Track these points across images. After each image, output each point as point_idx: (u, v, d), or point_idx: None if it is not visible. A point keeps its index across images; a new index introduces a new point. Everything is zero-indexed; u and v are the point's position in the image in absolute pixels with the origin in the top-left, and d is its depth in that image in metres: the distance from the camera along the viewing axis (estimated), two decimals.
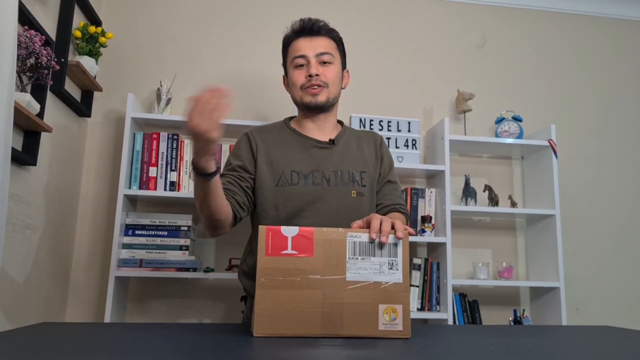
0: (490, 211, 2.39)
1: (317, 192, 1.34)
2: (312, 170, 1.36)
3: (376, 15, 2.71)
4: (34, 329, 0.96)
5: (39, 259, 1.92)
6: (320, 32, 1.40)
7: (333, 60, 1.39)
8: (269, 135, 1.43)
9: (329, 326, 0.91)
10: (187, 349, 0.78)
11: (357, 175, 1.38)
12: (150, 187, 2.16)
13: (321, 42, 1.39)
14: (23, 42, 1.58)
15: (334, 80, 1.39)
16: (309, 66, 1.37)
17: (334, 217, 1.31)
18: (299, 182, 1.34)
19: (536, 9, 2.84)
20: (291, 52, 1.41)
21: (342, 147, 1.42)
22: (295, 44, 1.40)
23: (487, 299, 2.51)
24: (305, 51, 1.38)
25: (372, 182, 1.41)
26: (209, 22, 2.55)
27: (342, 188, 1.35)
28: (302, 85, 1.37)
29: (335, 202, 1.34)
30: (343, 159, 1.39)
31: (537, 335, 1.07)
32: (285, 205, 1.33)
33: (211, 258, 2.34)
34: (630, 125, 2.81)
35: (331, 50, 1.40)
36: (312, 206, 1.32)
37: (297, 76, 1.39)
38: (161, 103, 2.26)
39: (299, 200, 1.32)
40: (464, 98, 2.53)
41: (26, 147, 1.76)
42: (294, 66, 1.39)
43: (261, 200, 1.36)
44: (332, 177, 1.36)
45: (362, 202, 1.37)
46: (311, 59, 1.37)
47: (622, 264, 2.66)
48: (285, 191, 1.33)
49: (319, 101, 1.37)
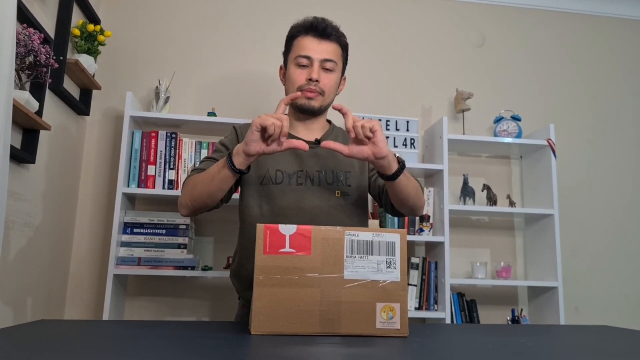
0: (489, 211, 2.39)
1: (300, 192, 1.33)
2: (296, 170, 1.35)
3: (375, 15, 2.71)
4: (32, 326, 0.96)
5: (38, 256, 1.92)
6: (330, 36, 1.37)
7: (335, 68, 1.38)
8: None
9: (327, 324, 0.92)
10: (186, 346, 0.78)
11: (341, 174, 1.37)
12: (149, 186, 2.16)
13: (329, 48, 1.36)
14: (22, 40, 1.58)
15: (330, 89, 1.38)
16: (311, 69, 1.34)
17: (318, 216, 1.31)
18: (282, 181, 1.33)
19: (535, 9, 2.84)
20: (296, 48, 1.38)
21: None
22: (303, 41, 1.37)
23: (485, 299, 2.51)
24: (311, 53, 1.35)
25: (358, 182, 1.40)
26: (208, 20, 2.55)
27: (326, 187, 1.35)
28: (300, 86, 1.35)
29: (319, 201, 1.33)
30: (327, 159, 1.38)
31: (535, 335, 1.07)
32: (269, 203, 1.32)
33: (209, 256, 2.34)
34: (628, 125, 2.81)
35: (336, 58, 1.38)
36: (296, 205, 1.32)
37: (297, 75, 1.36)
38: (160, 101, 2.26)
39: (282, 199, 1.32)
40: (463, 97, 2.53)
41: (25, 145, 1.75)
42: (296, 64, 1.37)
43: (245, 196, 1.36)
44: (315, 177, 1.35)
45: (347, 202, 1.37)
46: (315, 63, 1.34)
47: (620, 263, 2.66)
48: (269, 190, 1.33)
49: (312, 106, 1.36)
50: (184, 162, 2.21)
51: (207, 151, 2.25)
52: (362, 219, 1.41)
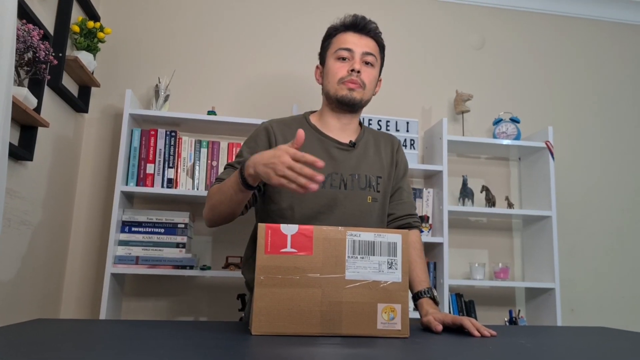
0: (487, 212, 2.39)
1: (334, 196, 1.31)
2: (330, 172, 1.33)
3: (376, 16, 2.69)
4: (28, 325, 0.96)
5: (35, 254, 1.91)
6: (370, 32, 1.38)
7: (375, 63, 1.38)
8: (290, 131, 1.38)
9: (328, 325, 0.91)
10: (185, 346, 0.78)
11: (373, 180, 1.36)
12: (148, 184, 2.15)
13: (370, 43, 1.37)
14: (21, 36, 1.57)
15: (371, 83, 1.37)
16: (353, 61, 1.33)
17: (348, 222, 1.29)
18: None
19: (535, 11, 2.84)
20: (336, 43, 1.37)
21: (361, 149, 1.39)
22: (343, 36, 1.37)
23: (483, 300, 2.51)
24: (352, 46, 1.34)
25: (386, 188, 1.39)
26: (209, 19, 2.54)
27: (359, 192, 1.33)
28: (341, 78, 1.33)
29: (351, 206, 1.31)
30: (361, 162, 1.37)
31: (534, 336, 1.07)
32: (301, 206, 1.30)
33: (208, 256, 2.34)
34: (627, 127, 2.82)
35: (376, 54, 1.38)
36: (328, 209, 1.30)
37: (338, 68, 1.34)
38: (159, 99, 2.25)
39: (315, 202, 1.29)
40: (463, 99, 2.53)
41: (23, 142, 1.74)
42: (337, 57, 1.35)
43: (277, 199, 1.32)
44: (349, 181, 1.33)
45: (375, 208, 1.35)
46: (357, 55, 1.34)
47: (617, 265, 2.67)
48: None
49: (354, 97, 1.33)
50: (183, 160, 2.21)
51: (207, 150, 2.24)
52: (384, 225, 1.41)
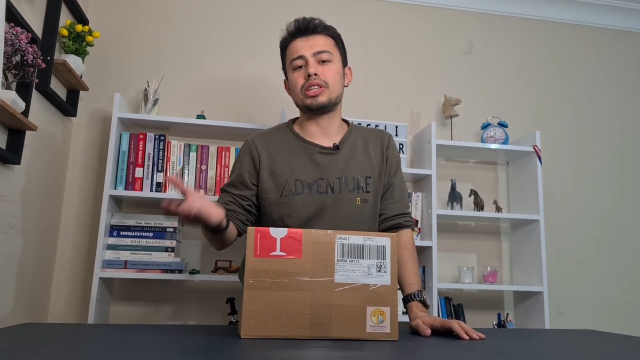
0: (476, 216, 2.41)
1: (321, 201, 1.31)
2: (316, 178, 1.33)
3: (364, 21, 2.72)
4: (16, 329, 0.95)
5: (22, 259, 1.89)
6: (317, 30, 1.35)
7: (332, 58, 1.35)
8: (272, 142, 1.39)
9: (317, 328, 0.92)
10: (174, 350, 0.77)
11: (362, 181, 1.35)
12: (136, 188, 2.14)
13: (318, 41, 1.35)
14: (9, 39, 1.56)
15: (334, 79, 1.35)
16: (307, 66, 1.33)
17: (339, 225, 1.30)
18: (303, 192, 1.31)
19: (522, 17, 2.88)
20: (289, 55, 1.38)
21: (347, 151, 1.38)
22: (292, 46, 1.37)
23: (472, 303, 2.53)
24: (302, 51, 1.34)
25: (377, 187, 1.38)
26: (198, 23, 2.54)
27: (347, 195, 1.33)
28: (302, 86, 1.33)
29: (340, 210, 1.32)
30: (348, 164, 1.36)
31: (522, 339, 1.08)
32: (291, 216, 1.30)
33: (197, 260, 2.33)
34: (613, 132, 2.86)
35: (329, 48, 1.36)
36: (318, 215, 1.30)
37: (296, 78, 1.35)
38: (148, 103, 2.24)
39: (304, 210, 1.30)
40: (451, 103, 2.55)
41: (10, 146, 1.73)
42: (293, 68, 1.36)
43: (268, 211, 1.34)
44: (336, 185, 1.33)
45: (365, 209, 1.35)
46: (309, 59, 1.33)
47: (603, 268, 2.70)
48: (290, 201, 1.31)
49: (320, 102, 1.32)
50: (172, 164, 2.20)
51: (196, 154, 2.23)
52: (376, 225, 1.41)
